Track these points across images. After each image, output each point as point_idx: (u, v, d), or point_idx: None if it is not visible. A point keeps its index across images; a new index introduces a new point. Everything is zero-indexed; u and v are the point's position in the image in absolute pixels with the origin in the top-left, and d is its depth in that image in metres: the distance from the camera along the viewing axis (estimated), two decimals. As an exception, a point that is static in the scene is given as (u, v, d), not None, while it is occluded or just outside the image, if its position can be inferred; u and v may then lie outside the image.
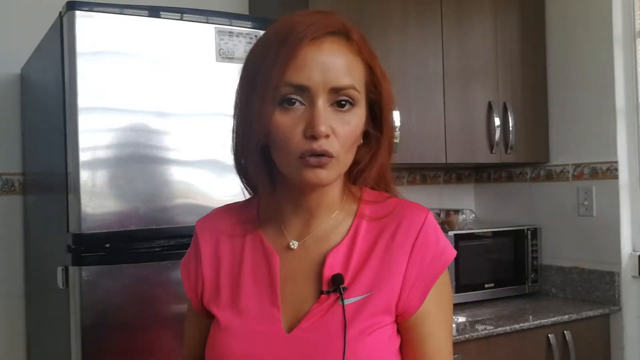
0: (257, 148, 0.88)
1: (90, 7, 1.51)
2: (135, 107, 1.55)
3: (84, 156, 1.49)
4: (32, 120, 2.02)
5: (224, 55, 1.66)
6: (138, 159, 1.55)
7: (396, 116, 2.25)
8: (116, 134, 1.53)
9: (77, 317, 1.48)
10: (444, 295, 0.92)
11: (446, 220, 2.57)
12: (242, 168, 0.95)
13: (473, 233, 2.54)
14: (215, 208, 1.03)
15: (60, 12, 1.55)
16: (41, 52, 1.84)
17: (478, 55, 2.54)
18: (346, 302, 0.87)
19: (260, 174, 0.91)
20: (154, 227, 1.56)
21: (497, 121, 2.54)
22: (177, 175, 1.60)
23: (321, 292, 0.88)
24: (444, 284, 0.91)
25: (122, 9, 1.55)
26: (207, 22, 1.65)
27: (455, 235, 2.44)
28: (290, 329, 0.88)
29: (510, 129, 2.56)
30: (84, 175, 1.49)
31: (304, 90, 0.84)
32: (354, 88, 0.86)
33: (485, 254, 2.55)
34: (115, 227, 1.51)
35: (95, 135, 1.51)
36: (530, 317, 2.27)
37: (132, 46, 1.55)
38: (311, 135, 0.83)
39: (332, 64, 0.84)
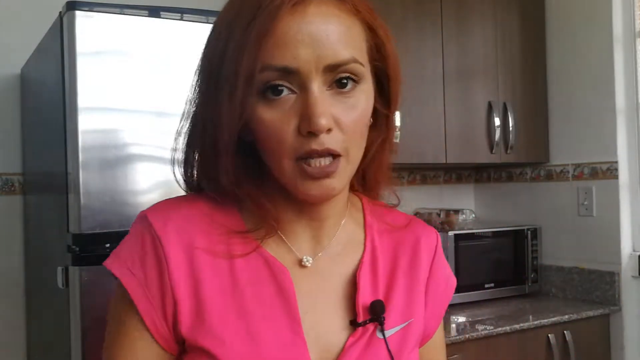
0: (230, 151, 0.69)
1: (90, 7, 1.51)
2: (135, 107, 1.55)
3: (84, 156, 1.49)
4: (32, 120, 2.02)
5: (224, 55, 1.66)
6: (138, 159, 1.55)
7: (396, 116, 2.25)
8: (116, 134, 1.53)
9: (77, 317, 1.47)
10: None
11: (446, 220, 2.57)
12: (205, 168, 0.76)
13: (473, 233, 2.53)
14: (164, 200, 0.80)
15: (60, 12, 1.55)
16: (41, 52, 1.84)
17: (478, 55, 2.54)
18: (387, 333, 0.73)
19: (240, 181, 0.70)
20: (154, 227, 1.56)
21: (497, 121, 2.54)
22: (177, 175, 1.60)
23: (357, 324, 0.72)
24: None
25: (122, 9, 1.55)
26: (207, 22, 1.65)
27: (455, 235, 2.44)
28: None
29: (510, 129, 2.56)
30: (84, 175, 1.48)
31: (290, 73, 0.64)
32: (355, 61, 0.67)
33: (485, 254, 2.55)
34: (115, 227, 1.51)
35: (95, 135, 1.50)
36: (530, 317, 2.27)
37: (132, 46, 1.55)
38: (308, 132, 0.64)
39: (323, 34, 0.64)
